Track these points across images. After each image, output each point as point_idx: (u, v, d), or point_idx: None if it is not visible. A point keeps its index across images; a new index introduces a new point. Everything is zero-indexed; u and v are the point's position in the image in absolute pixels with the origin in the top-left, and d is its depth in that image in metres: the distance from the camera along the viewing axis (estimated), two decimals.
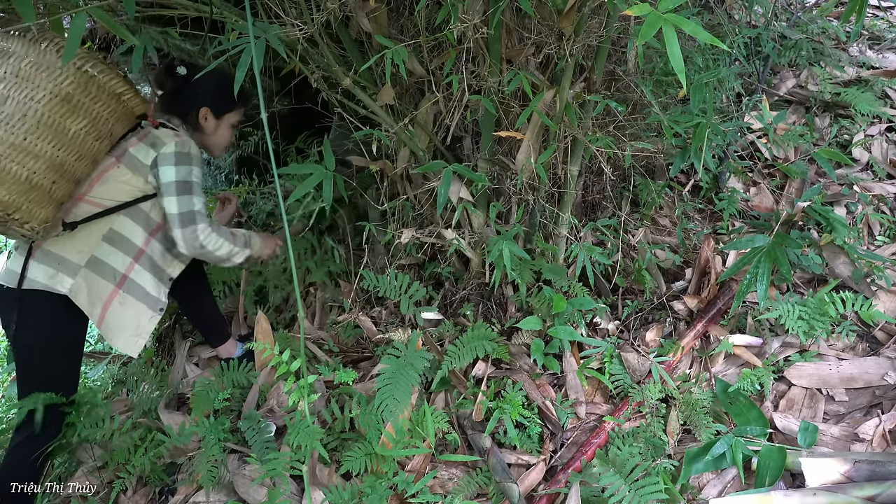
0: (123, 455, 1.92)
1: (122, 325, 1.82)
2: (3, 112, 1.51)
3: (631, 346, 2.04)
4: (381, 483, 1.65)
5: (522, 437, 1.83)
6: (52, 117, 1.57)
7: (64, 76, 1.57)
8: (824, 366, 1.90)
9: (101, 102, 1.68)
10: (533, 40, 1.80)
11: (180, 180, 1.78)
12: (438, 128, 2.08)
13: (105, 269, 1.78)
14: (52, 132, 1.58)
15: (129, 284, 1.83)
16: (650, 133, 2.21)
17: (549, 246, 2.11)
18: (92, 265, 1.76)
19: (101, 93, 1.67)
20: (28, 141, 1.53)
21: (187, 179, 1.79)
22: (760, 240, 1.90)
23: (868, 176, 2.64)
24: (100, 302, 1.78)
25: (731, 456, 1.66)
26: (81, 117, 1.63)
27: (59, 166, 1.61)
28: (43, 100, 1.55)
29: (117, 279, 1.80)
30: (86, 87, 1.62)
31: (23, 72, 1.53)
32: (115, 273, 1.80)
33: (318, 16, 1.66)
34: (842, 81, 3.00)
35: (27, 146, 1.54)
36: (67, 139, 1.61)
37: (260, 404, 2.04)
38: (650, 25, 1.08)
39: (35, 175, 1.57)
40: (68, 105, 1.59)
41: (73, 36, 1.21)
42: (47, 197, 1.62)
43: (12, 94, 1.52)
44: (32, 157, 1.55)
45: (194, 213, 1.79)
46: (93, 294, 1.76)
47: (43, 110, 1.55)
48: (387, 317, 2.37)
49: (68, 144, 1.62)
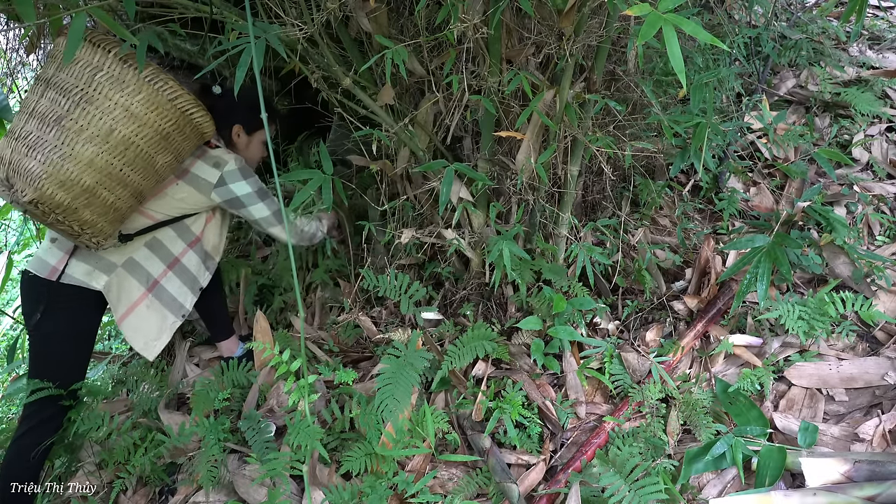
0: (123, 455, 1.93)
1: (144, 329, 1.92)
2: (109, 143, 1.58)
3: (631, 346, 2.04)
4: (381, 483, 1.65)
5: (522, 437, 1.83)
6: (149, 153, 1.67)
7: (167, 117, 1.67)
8: (824, 366, 1.90)
9: (189, 140, 1.78)
10: (533, 40, 1.80)
11: (257, 189, 1.95)
12: (438, 128, 2.08)
13: (140, 271, 1.90)
14: (144, 165, 1.68)
15: (159, 290, 1.95)
16: (650, 133, 2.21)
17: (549, 246, 2.11)
18: (128, 266, 1.88)
19: (192, 132, 1.77)
20: (124, 172, 1.64)
21: (261, 187, 1.97)
22: (760, 240, 1.90)
23: (868, 176, 2.64)
24: (128, 301, 1.89)
25: (731, 456, 1.66)
26: (170, 153, 1.74)
27: (140, 194, 1.73)
28: (146, 136, 1.64)
29: (149, 283, 1.92)
30: (182, 128, 1.72)
31: (134, 108, 1.60)
32: (148, 277, 1.92)
33: (318, 16, 1.67)
34: (842, 81, 3.00)
35: (122, 176, 1.64)
36: (153, 171, 1.72)
37: (260, 404, 2.04)
38: (650, 25, 1.08)
39: (119, 200, 1.68)
40: (165, 143, 1.70)
41: (74, 36, 1.21)
42: (120, 218, 1.74)
43: (120, 127, 1.59)
44: (122, 186, 1.66)
45: (276, 211, 1.98)
46: (122, 293, 1.88)
47: (145, 147, 1.65)
48: (387, 317, 2.37)
49: (153, 175, 1.73)
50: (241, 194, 1.94)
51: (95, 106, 1.56)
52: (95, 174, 1.58)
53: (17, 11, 1.29)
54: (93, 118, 1.56)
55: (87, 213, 1.61)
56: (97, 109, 1.56)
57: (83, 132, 1.55)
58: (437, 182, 1.97)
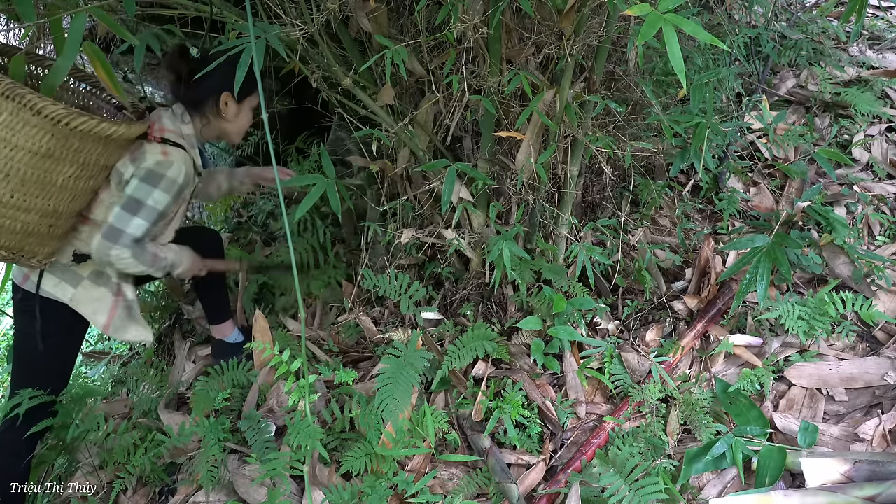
0: (123, 455, 1.92)
1: (126, 326, 1.88)
2: None
3: (631, 346, 2.04)
4: (381, 483, 1.65)
5: (522, 437, 1.83)
6: (36, 173, 1.54)
7: (42, 134, 1.49)
8: (824, 366, 1.90)
9: (87, 150, 1.60)
10: (533, 40, 1.80)
11: (134, 197, 1.71)
12: (438, 128, 2.08)
13: (106, 279, 1.84)
14: (39, 186, 1.56)
15: (128, 290, 1.89)
16: (650, 133, 2.21)
17: (549, 246, 2.11)
18: (94, 277, 1.82)
19: (84, 142, 1.58)
20: (16, 198, 1.54)
21: (141, 200, 1.71)
22: (760, 240, 1.90)
23: (868, 176, 2.64)
24: (105, 309, 1.84)
25: (731, 456, 1.66)
26: (68, 166, 1.59)
27: (53, 212, 1.63)
28: (24, 159, 1.50)
29: (116, 290, 1.86)
30: (66, 141, 1.53)
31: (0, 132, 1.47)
32: (115, 285, 1.85)
33: (318, 16, 1.66)
34: (842, 81, 3.00)
35: (16, 203, 1.55)
36: (56, 188, 1.60)
37: (260, 404, 2.04)
38: (650, 25, 1.08)
39: (29, 225, 1.60)
40: (51, 160, 1.54)
41: (73, 36, 1.21)
42: (47, 237, 1.67)
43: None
44: (24, 212, 1.57)
45: (123, 234, 1.71)
46: (96, 303, 1.82)
47: (25, 168, 1.51)
48: (387, 317, 2.37)
49: (58, 193, 1.61)
50: (126, 192, 1.73)
51: None
52: None
53: (17, 11, 1.29)
54: None
55: (1, 240, 1.59)
56: None
57: None
58: (437, 182, 1.97)
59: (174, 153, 1.76)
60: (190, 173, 1.82)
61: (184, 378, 2.37)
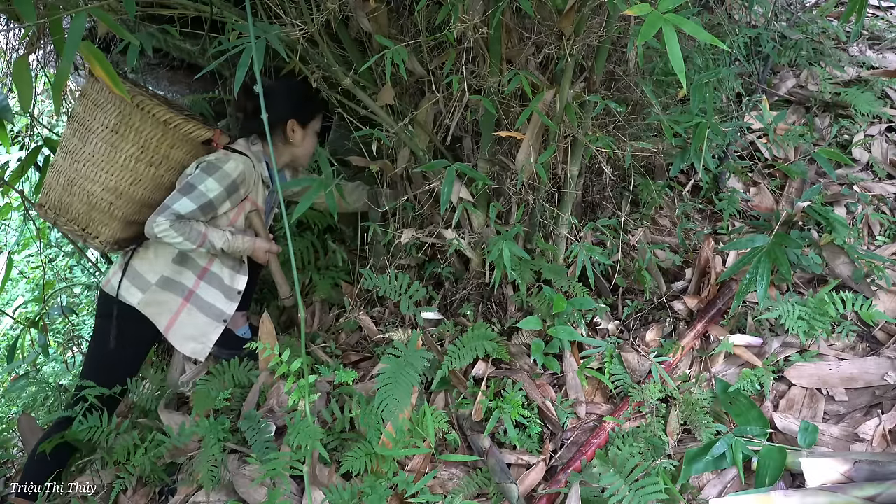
0: (123, 455, 1.93)
1: (189, 335, 2.02)
2: (72, 143, 1.84)
3: (631, 346, 2.04)
4: (381, 483, 1.65)
5: (522, 437, 1.83)
6: (103, 147, 1.82)
7: (114, 110, 1.80)
8: (824, 366, 1.90)
9: (147, 131, 1.83)
10: (533, 40, 1.80)
11: (189, 182, 1.86)
12: (438, 128, 2.08)
13: (174, 286, 1.98)
14: (105, 158, 1.83)
15: (196, 299, 2.01)
16: (650, 133, 2.21)
17: (549, 246, 2.11)
18: (162, 283, 1.97)
19: (144, 122, 1.82)
20: (86, 168, 1.84)
21: (194, 184, 1.85)
22: (760, 240, 1.90)
23: (868, 176, 2.64)
24: (168, 313, 1.98)
25: (731, 456, 1.66)
26: (129, 144, 1.83)
27: (114, 189, 1.86)
28: (98, 131, 1.82)
29: (185, 294, 1.99)
30: (129, 118, 1.81)
31: (87, 109, 1.83)
32: (183, 289, 1.99)
33: (318, 16, 1.67)
34: (842, 81, 3.00)
35: (85, 172, 1.84)
36: (118, 166, 1.84)
37: (260, 404, 2.04)
38: (650, 25, 1.08)
39: (93, 197, 1.86)
40: (116, 135, 1.81)
41: (73, 36, 1.21)
42: (108, 216, 1.89)
43: (78, 130, 1.84)
44: (90, 181, 1.85)
45: (167, 208, 1.82)
46: (162, 307, 1.98)
47: (95, 140, 1.82)
48: (387, 317, 2.37)
49: (119, 171, 1.85)
50: (185, 179, 1.88)
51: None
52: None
53: (17, 11, 1.29)
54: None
55: (72, 211, 1.88)
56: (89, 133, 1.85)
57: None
58: (437, 182, 1.97)
59: (235, 155, 1.93)
60: (250, 176, 1.95)
61: (184, 378, 2.37)
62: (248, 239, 2.02)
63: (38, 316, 2.90)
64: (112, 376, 1.99)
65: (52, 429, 1.99)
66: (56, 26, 1.47)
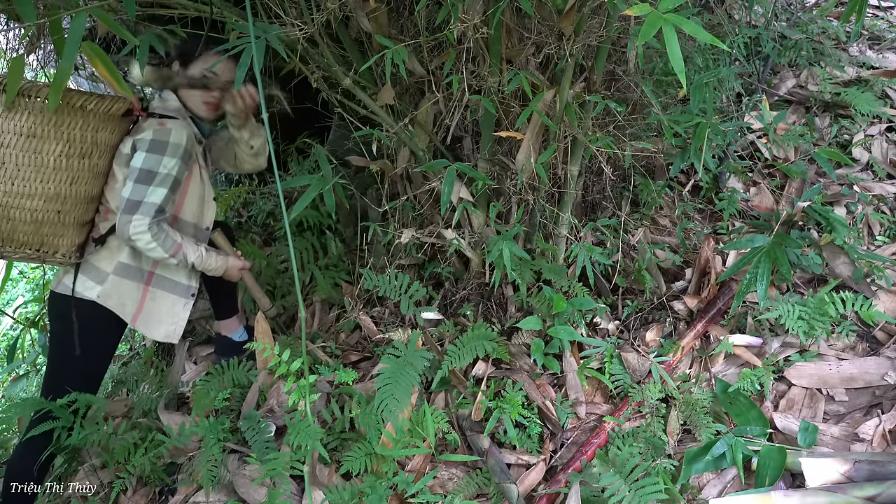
0: (123, 455, 1.93)
1: (158, 319, 1.91)
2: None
3: (631, 346, 2.04)
4: (381, 483, 1.65)
5: (522, 437, 1.83)
6: (27, 156, 1.61)
7: (22, 113, 1.58)
8: (824, 366, 1.90)
9: (67, 123, 1.64)
10: (533, 40, 1.80)
11: (145, 168, 1.73)
12: (438, 128, 2.08)
13: (132, 271, 1.86)
14: (34, 169, 1.63)
15: (158, 280, 1.90)
16: (650, 133, 2.21)
17: (549, 246, 2.11)
18: (119, 271, 1.84)
19: (60, 115, 1.62)
20: (16, 186, 1.62)
21: (153, 169, 1.73)
22: (760, 240, 1.90)
23: (868, 176, 2.64)
24: (132, 302, 1.86)
25: (731, 456, 1.66)
26: (54, 144, 1.63)
27: (56, 196, 1.68)
28: (13, 143, 1.59)
29: (145, 278, 1.88)
30: (43, 116, 1.60)
31: None
32: (142, 273, 1.87)
33: (318, 16, 1.67)
34: (842, 81, 3.00)
35: (17, 190, 1.63)
36: (50, 169, 1.65)
37: (260, 404, 2.04)
38: (650, 25, 1.08)
39: (37, 212, 1.67)
40: (35, 140, 1.61)
41: (73, 36, 1.21)
42: (60, 225, 1.72)
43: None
44: (27, 198, 1.64)
45: (140, 204, 1.72)
46: (124, 296, 1.85)
47: (13, 153, 1.60)
48: (387, 317, 2.37)
49: (53, 174, 1.66)
50: (132, 166, 1.75)
51: None
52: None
53: (17, 11, 1.29)
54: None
55: (19, 236, 1.67)
56: None
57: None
58: (437, 182, 1.97)
59: (170, 122, 1.79)
60: (192, 138, 1.83)
61: (184, 378, 2.37)
62: (221, 258, 1.94)
63: (38, 316, 2.90)
64: (79, 384, 1.84)
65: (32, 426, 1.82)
66: (56, 26, 1.47)
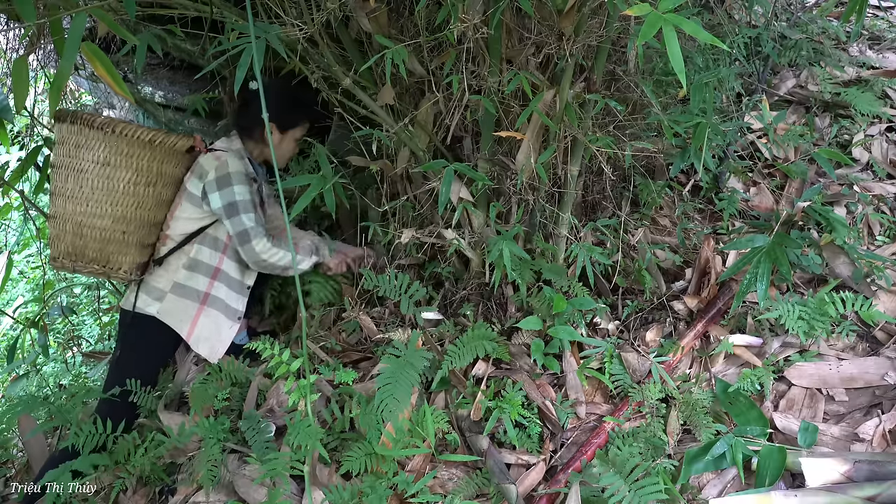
0: (123, 455, 1.93)
1: (206, 336, 2.11)
2: (68, 188, 1.92)
3: (631, 346, 2.04)
4: (381, 483, 1.65)
5: (522, 437, 1.83)
6: (100, 181, 1.91)
7: (99, 144, 1.89)
8: (824, 366, 1.90)
9: (137, 154, 1.93)
10: (533, 40, 1.80)
11: (226, 204, 1.98)
12: (438, 128, 2.08)
13: (189, 291, 2.08)
14: (105, 193, 1.92)
15: (212, 300, 2.10)
16: (650, 133, 2.21)
17: (549, 246, 2.11)
18: (176, 290, 2.07)
19: (132, 146, 1.91)
20: (90, 206, 1.92)
21: (231, 201, 1.98)
22: (760, 240, 1.90)
23: (868, 176, 2.64)
24: (188, 319, 2.08)
25: (731, 456, 1.66)
26: (124, 171, 1.92)
27: (122, 217, 1.96)
28: (90, 169, 1.90)
29: (200, 298, 2.09)
30: (117, 148, 1.90)
31: (71, 152, 1.91)
32: (198, 293, 2.09)
33: (318, 16, 1.67)
34: (842, 81, 3.00)
35: (90, 210, 1.93)
36: (119, 194, 1.94)
37: (260, 404, 2.04)
38: (650, 25, 1.08)
39: (105, 231, 1.95)
40: (108, 168, 1.91)
41: (73, 36, 1.21)
42: (123, 244, 1.98)
43: (70, 175, 1.92)
44: (98, 217, 1.93)
45: (247, 231, 2.00)
46: (181, 314, 2.07)
47: (90, 178, 1.91)
48: (387, 317, 2.37)
49: (122, 198, 1.94)
50: (215, 208, 2.01)
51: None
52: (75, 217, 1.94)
53: (17, 11, 1.29)
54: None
55: (89, 252, 1.96)
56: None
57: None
58: (437, 182, 1.97)
59: (224, 155, 2.03)
60: (247, 169, 2.06)
61: (185, 378, 2.37)
62: (326, 241, 2.26)
63: (38, 316, 2.90)
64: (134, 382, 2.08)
65: (59, 457, 2.00)
66: (56, 26, 1.47)
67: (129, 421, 2.08)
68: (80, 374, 3.62)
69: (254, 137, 2.13)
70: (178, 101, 3.02)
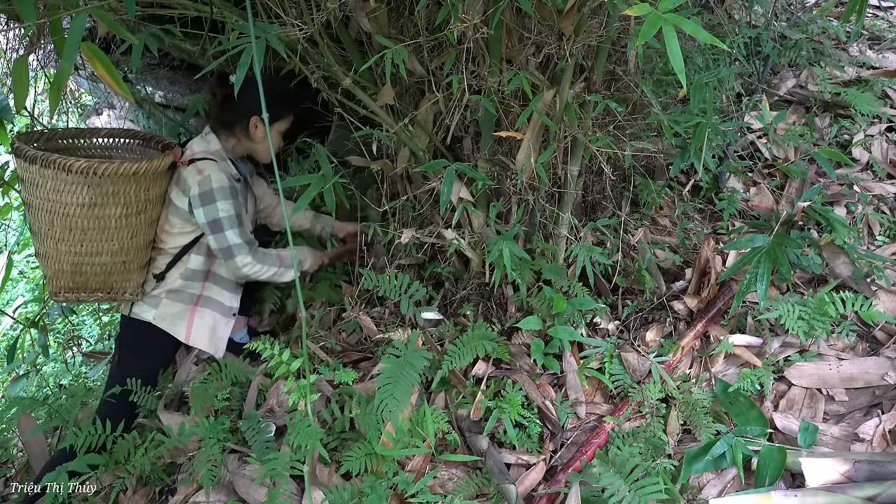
0: (123, 455, 1.93)
1: (204, 335, 2.13)
2: (56, 232, 1.85)
3: (631, 346, 2.04)
4: (381, 483, 1.65)
5: (522, 437, 1.83)
6: (90, 222, 1.85)
7: (82, 188, 1.79)
8: (824, 366, 1.90)
9: (123, 190, 1.85)
10: (533, 40, 1.80)
11: (210, 220, 1.96)
12: (438, 128, 2.08)
13: (182, 295, 2.11)
14: (98, 232, 1.87)
15: (204, 300, 2.13)
16: (650, 133, 2.21)
17: (549, 246, 2.11)
18: (170, 295, 2.10)
19: (117, 184, 1.82)
20: (85, 247, 1.88)
21: (215, 217, 1.96)
22: (760, 240, 1.90)
23: (868, 176, 2.64)
24: (184, 322, 2.10)
25: (731, 456, 1.66)
26: (113, 208, 1.86)
27: (120, 250, 1.93)
28: (77, 213, 1.82)
29: (194, 299, 2.12)
30: (101, 189, 1.81)
31: (51, 196, 1.79)
32: (191, 296, 2.11)
33: (318, 16, 1.67)
34: (842, 81, 3.00)
35: (86, 250, 1.88)
36: (113, 230, 1.89)
37: (260, 404, 2.04)
38: (650, 25, 1.08)
39: (106, 266, 1.92)
40: (96, 208, 1.83)
41: (73, 36, 1.21)
42: (126, 272, 1.98)
43: (55, 219, 1.83)
44: (96, 255, 1.90)
45: (230, 248, 1.98)
46: (176, 318, 2.09)
47: (81, 220, 1.83)
48: (387, 317, 2.37)
49: (116, 233, 1.90)
50: (200, 223, 2.00)
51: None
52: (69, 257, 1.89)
53: (17, 11, 1.29)
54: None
55: (91, 283, 1.95)
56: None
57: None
58: (437, 182, 1.97)
59: (207, 166, 1.97)
60: (231, 177, 2.03)
61: (185, 378, 2.37)
62: (305, 248, 2.28)
63: (38, 316, 2.90)
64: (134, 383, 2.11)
65: (56, 458, 2.03)
66: (56, 26, 1.47)
67: (128, 422, 2.09)
68: (80, 374, 3.63)
69: (234, 133, 2.08)
70: (178, 101, 3.03)
